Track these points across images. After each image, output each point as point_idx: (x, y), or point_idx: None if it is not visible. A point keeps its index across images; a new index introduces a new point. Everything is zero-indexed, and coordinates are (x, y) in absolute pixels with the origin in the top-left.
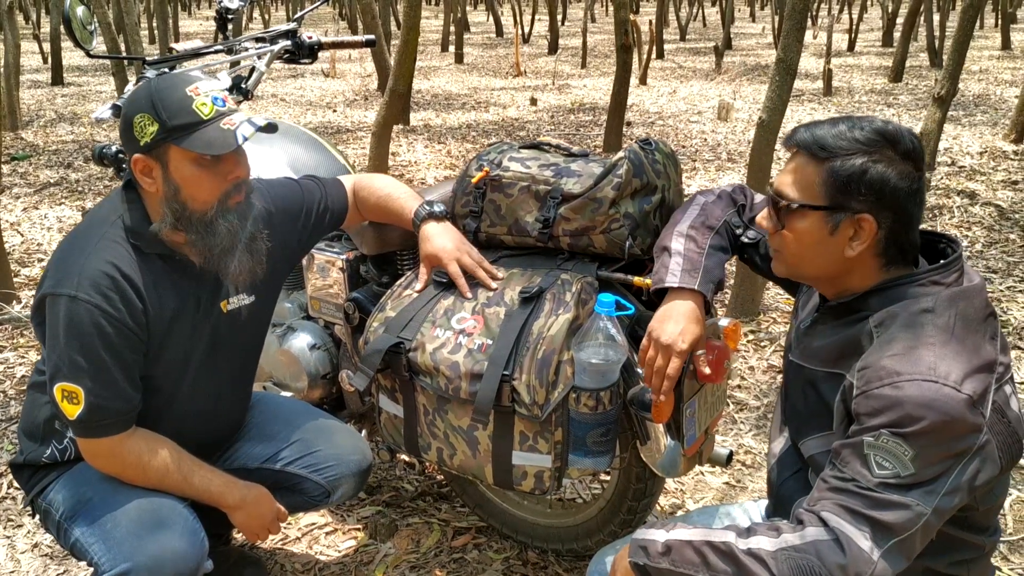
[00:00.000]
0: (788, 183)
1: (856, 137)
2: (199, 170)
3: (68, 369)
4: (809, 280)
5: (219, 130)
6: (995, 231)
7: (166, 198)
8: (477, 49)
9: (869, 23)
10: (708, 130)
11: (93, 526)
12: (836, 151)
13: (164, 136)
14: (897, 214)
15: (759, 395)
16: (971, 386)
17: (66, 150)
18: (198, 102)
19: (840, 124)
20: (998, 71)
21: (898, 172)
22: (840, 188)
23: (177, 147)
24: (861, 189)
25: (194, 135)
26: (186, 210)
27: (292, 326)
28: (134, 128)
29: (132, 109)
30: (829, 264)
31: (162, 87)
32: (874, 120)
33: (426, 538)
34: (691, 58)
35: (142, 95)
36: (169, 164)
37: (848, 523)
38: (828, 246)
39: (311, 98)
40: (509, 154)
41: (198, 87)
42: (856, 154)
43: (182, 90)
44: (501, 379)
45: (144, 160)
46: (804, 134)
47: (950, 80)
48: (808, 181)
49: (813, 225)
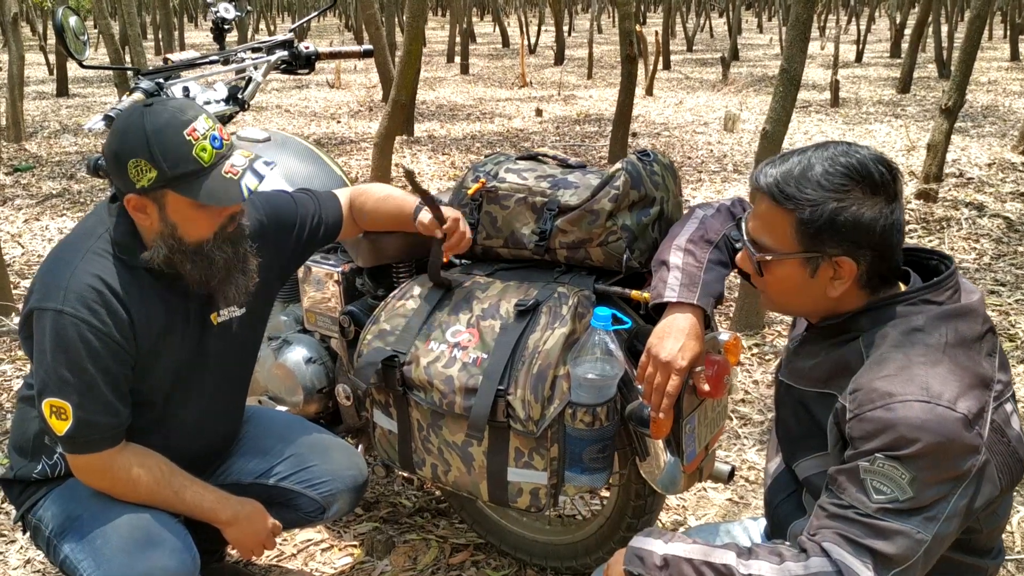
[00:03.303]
0: (760, 229)
1: (821, 183)
2: (197, 212)
3: (55, 384)
4: (797, 315)
5: (222, 180)
6: (1004, 243)
7: (162, 235)
8: (483, 60)
9: (877, 34)
10: (714, 141)
11: (83, 543)
12: (803, 202)
13: (164, 184)
14: (875, 249)
15: (763, 410)
16: (966, 405)
17: (69, 161)
18: (197, 147)
19: (803, 165)
20: (1007, 82)
21: (870, 210)
22: (813, 236)
23: (176, 193)
24: (835, 235)
25: (195, 184)
26: (183, 244)
27: (288, 339)
28: (128, 171)
29: (126, 152)
30: (813, 303)
31: (158, 128)
32: (836, 156)
33: (423, 555)
34: (698, 69)
35: (135, 137)
36: (167, 206)
37: (850, 554)
38: (810, 288)
39: (315, 109)
40: (505, 165)
41: (195, 129)
42: (823, 202)
43: (180, 135)
44: (496, 394)
45: (138, 200)
46: (766, 179)
47: (957, 91)
48: (780, 230)
49: (792, 271)
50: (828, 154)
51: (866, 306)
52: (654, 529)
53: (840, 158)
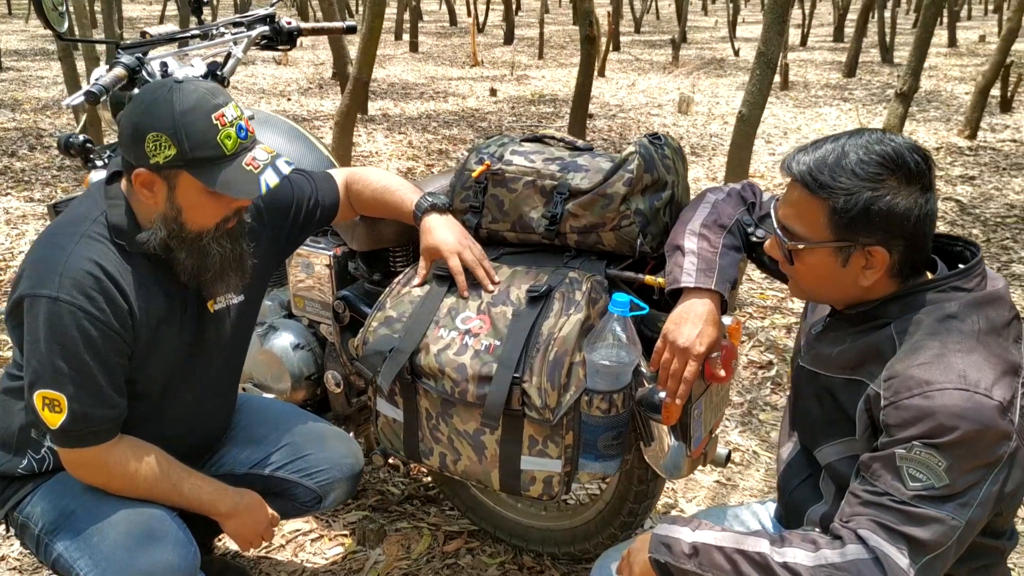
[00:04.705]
0: (792, 217)
1: (856, 172)
2: (207, 198)
3: (49, 375)
4: (826, 303)
5: (241, 171)
6: (958, 226)
7: (165, 217)
8: (431, 38)
9: (819, 19)
10: (670, 123)
11: (78, 540)
12: (837, 190)
13: (181, 164)
14: (908, 239)
15: (742, 391)
16: (1000, 392)
17: (9, 138)
18: (223, 134)
19: (837, 153)
20: (947, 68)
21: (905, 199)
22: (846, 226)
23: (190, 176)
24: (869, 225)
25: (214, 171)
26: (183, 230)
27: (274, 325)
28: (146, 144)
29: (147, 125)
30: (843, 291)
31: (187, 108)
32: (871, 144)
33: (416, 543)
34: (647, 51)
35: (163, 112)
36: (177, 188)
37: (886, 541)
38: (841, 276)
39: (264, 86)
40: (511, 147)
41: (224, 114)
42: (858, 191)
43: (208, 118)
44: (511, 382)
45: (149, 176)
46: (799, 167)
47: (912, 76)
48: (812, 218)
49: (823, 260)
50: (863, 142)
51: (896, 293)
52: (677, 517)
53: (875, 146)
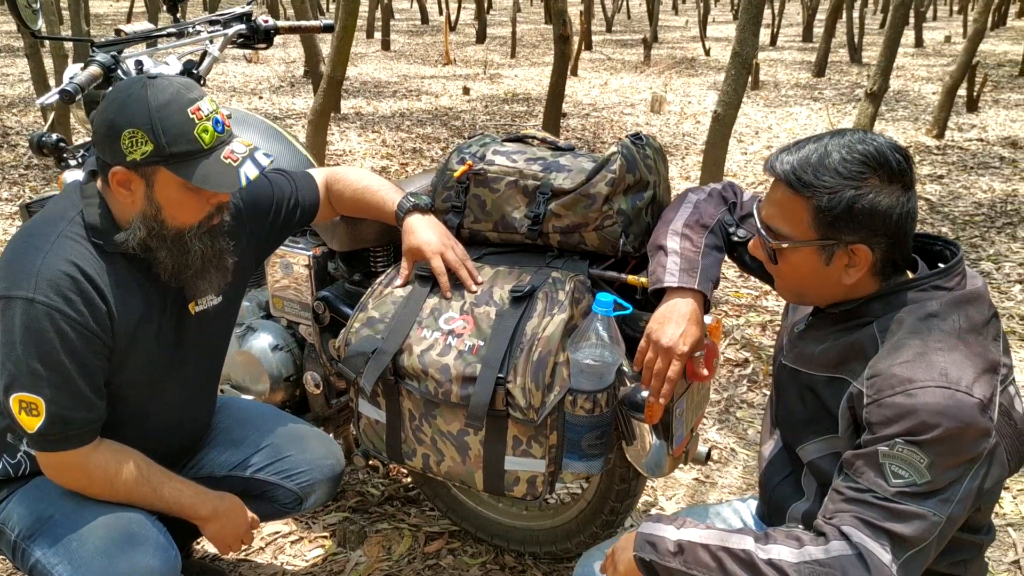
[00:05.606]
0: (776, 216)
1: (839, 171)
2: (186, 194)
3: (26, 378)
4: (809, 303)
5: (220, 164)
6: (927, 224)
7: (144, 215)
8: (403, 36)
9: (787, 18)
10: (643, 123)
11: (56, 546)
12: (820, 189)
13: (159, 160)
14: (891, 237)
15: (719, 389)
16: (981, 390)
17: None
18: (199, 128)
19: (820, 152)
20: (914, 68)
21: (887, 198)
22: (830, 224)
23: (168, 171)
24: (852, 223)
25: (192, 165)
26: (164, 228)
27: (252, 326)
28: (122, 141)
29: (123, 121)
30: (827, 289)
31: (162, 103)
32: (854, 143)
33: (397, 545)
34: (619, 50)
35: (137, 108)
36: (155, 184)
37: (869, 537)
38: (824, 275)
39: (234, 84)
40: (493, 147)
41: (200, 108)
42: (841, 189)
43: (184, 112)
44: (495, 382)
45: (126, 174)
46: (783, 166)
47: (882, 76)
48: (796, 217)
49: (807, 258)
50: (845, 141)
51: (878, 292)
52: (661, 515)
53: (857, 145)
